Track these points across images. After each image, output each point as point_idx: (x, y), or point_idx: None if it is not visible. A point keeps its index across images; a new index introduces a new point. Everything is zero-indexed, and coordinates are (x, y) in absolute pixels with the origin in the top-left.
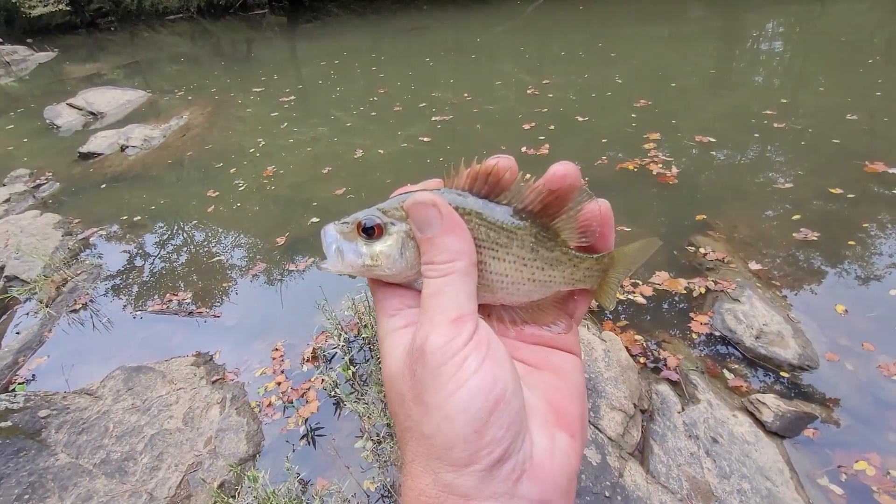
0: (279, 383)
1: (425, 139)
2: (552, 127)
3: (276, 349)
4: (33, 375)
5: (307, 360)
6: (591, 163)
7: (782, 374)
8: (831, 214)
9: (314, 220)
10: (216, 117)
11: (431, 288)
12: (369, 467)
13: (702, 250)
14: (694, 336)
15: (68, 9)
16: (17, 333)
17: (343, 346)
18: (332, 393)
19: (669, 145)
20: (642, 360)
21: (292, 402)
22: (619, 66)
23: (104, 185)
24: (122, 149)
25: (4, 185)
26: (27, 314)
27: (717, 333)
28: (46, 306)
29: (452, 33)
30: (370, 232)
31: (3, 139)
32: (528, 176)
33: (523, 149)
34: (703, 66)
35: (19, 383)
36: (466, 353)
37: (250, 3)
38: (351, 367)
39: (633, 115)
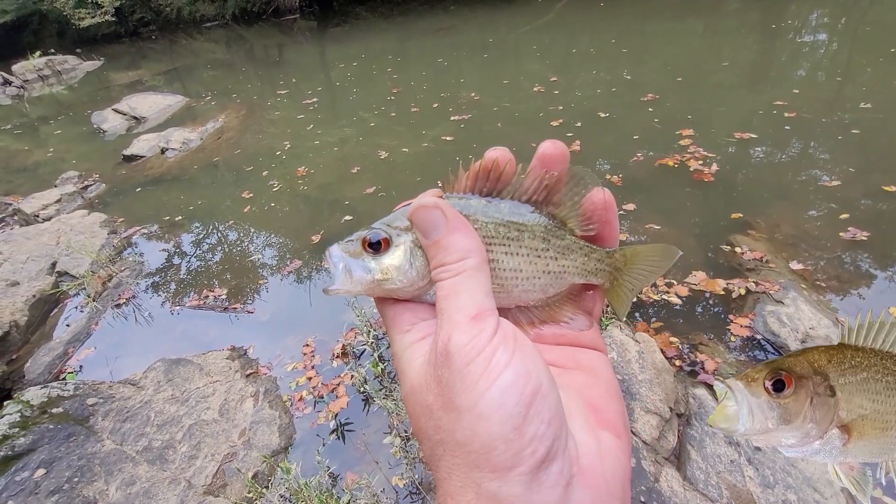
0: (310, 378)
1: (448, 138)
2: (579, 124)
3: (307, 345)
4: (80, 366)
5: (337, 357)
6: (625, 159)
7: None
8: (884, 213)
9: (347, 218)
10: (249, 120)
11: (446, 289)
12: (397, 463)
13: (738, 250)
14: (733, 339)
15: (113, 19)
16: (67, 326)
17: (372, 342)
18: (362, 389)
19: (705, 142)
20: (678, 362)
21: (322, 397)
22: (648, 63)
23: (145, 187)
24: (163, 151)
25: (56, 186)
26: (76, 308)
27: (758, 337)
28: (93, 300)
29: (478, 33)
30: (377, 246)
31: (55, 143)
32: (527, 167)
33: None
34: (740, 61)
35: (69, 372)
36: (494, 347)
37: (282, 8)
38: (380, 363)
39: (660, 112)
